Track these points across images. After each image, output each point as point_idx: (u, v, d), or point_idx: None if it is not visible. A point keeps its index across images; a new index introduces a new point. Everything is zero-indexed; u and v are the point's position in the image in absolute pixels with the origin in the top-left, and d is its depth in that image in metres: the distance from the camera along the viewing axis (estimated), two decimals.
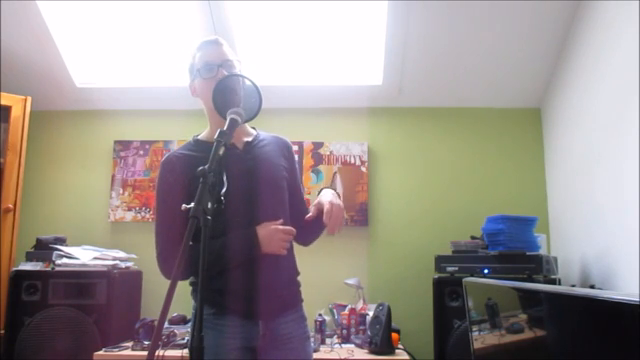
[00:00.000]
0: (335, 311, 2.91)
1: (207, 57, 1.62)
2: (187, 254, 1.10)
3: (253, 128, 1.77)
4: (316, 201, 1.64)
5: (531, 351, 1.26)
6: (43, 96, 3.27)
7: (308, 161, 3.23)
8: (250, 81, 1.54)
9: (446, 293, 2.59)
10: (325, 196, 1.62)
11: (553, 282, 2.55)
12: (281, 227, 1.57)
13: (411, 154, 3.26)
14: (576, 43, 2.71)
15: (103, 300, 2.67)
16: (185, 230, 1.11)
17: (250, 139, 1.69)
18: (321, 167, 3.23)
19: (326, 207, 1.55)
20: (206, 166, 1.20)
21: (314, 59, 3.18)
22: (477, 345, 1.66)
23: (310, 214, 1.62)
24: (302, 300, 1.71)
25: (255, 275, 1.56)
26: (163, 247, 1.57)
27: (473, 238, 2.84)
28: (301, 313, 1.69)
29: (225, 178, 1.42)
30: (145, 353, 2.27)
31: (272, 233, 1.55)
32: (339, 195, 1.66)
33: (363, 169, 3.21)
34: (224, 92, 1.51)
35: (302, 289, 1.72)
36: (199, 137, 1.71)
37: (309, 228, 1.71)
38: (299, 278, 1.72)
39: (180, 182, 1.57)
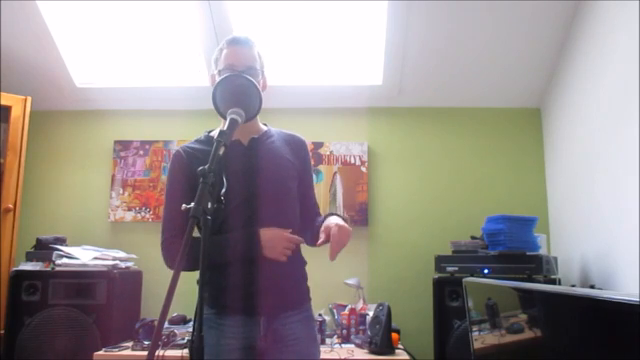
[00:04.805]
0: (335, 311, 2.90)
1: (232, 59, 1.60)
2: (189, 248, 1.10)
3: (264, 124, 1.74)
4: (324, 225, 1.51)
5: (531, 351, 1.26)
6: (43, 96, 3.27)
7: None
8: (250, 81, 1.54)
9: (446, 293, 2.59)
10: (333, 219, 1.51)
11: (553, 282, 2.55)
12: (286, 234, 1.54)
13: (411, 154, 3.26)
14: (576, 43, 2.71)
15: (103, 300, 2.67)
16: (185, 225, 1.12)
17: (257, 135, 1.67)
18: (321, 167, 3.23)
19: (333, 230, 1.44)
20: (206, 166, 1.20)
21: (314, 59, 3.18)
22: (477, 345, 1.66)
23: (320, 240, 1.49)
24: (309, 299, 1.68)
25: (256, 272, 1.54)
26: (166, 236, 1.58)
27: (473, 238, 2.84)
28: (308, 314, 1.65)
29: (225, 177, 1.42)
30: (145, 353, 2.28)
31: (276, 238, 1.52)
32: (346, 220, 1.54)
33: (363, 169, 3.21)
34: (224, 93, 1.50)
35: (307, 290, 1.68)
36: (211, 133, 1.70)
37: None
38: (307, 280, 1.69)
39: (186, 175, 1.57)
